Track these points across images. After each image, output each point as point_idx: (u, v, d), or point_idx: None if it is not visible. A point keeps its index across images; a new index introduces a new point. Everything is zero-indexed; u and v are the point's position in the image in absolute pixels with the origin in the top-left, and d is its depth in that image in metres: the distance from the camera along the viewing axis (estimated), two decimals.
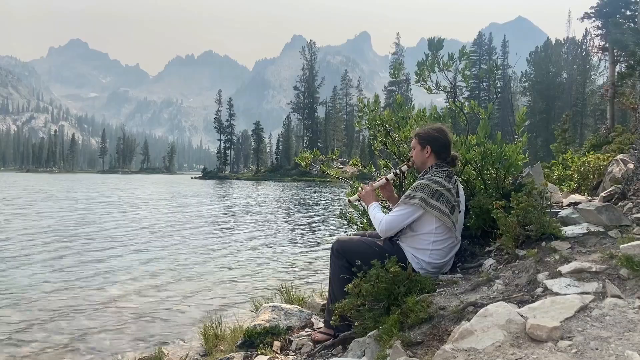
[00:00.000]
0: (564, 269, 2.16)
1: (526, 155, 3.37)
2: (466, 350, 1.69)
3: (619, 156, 4.34)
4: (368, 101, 3.98)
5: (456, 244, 2.92)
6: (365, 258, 2.63)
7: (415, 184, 2.87)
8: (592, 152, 8.90)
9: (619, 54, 27.09)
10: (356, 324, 2.55)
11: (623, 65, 25.36)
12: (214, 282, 7.55)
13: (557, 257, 2.33)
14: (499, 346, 1.66)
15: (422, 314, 2.17)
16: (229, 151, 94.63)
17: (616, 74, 24.82)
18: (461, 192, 2.97)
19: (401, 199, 2.86)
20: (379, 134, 3.85)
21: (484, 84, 62.36)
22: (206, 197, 31.63)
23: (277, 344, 3.29)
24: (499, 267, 2.64)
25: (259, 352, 3.19)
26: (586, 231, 2.55)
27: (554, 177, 6.12)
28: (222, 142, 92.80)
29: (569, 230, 2.59)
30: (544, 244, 2.53)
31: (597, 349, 1.57)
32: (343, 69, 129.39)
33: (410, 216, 2.79)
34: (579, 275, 2.10)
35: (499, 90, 53.24)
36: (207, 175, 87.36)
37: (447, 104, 3.71)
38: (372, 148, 3.98)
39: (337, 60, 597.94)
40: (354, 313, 2.47)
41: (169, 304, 6.26)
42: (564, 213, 2.85)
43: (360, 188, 3.24)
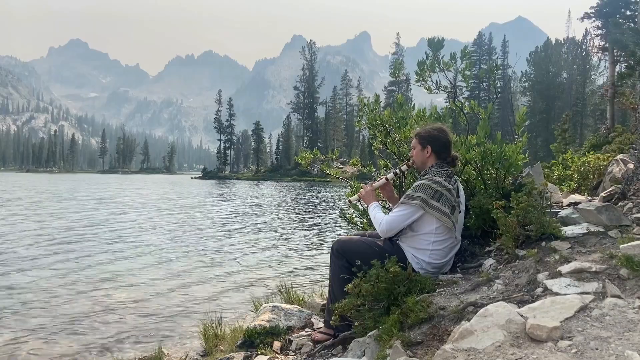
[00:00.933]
0: (564, 269, 2.16)
1: (526, 155, 3.36)
2: (466, 350, 1.69)
3: (619, 156, 4.34)
4: (368, 101, 3.97)
5: (456, 244, 2.92)
6: (365, 258, 2.63)
7: (415, 184, 2.86)
8: (592, 152, 8.91)
9: (619, 54, 27.08)
10: (356, 324, 2.55)
11: (623, 65, 25.36)
12: (214, 282, 7.56)
13: (557, 257, 2.33)
14: (499, 346, 1.66)
15: (422, 314, 2.17)
16: (229, 151, 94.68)
17: (616, 74, 24.82)
18: (461, 192, 2.97)
19: (401, 200, 2.86)
20: (379, 134, 3.85)
21: (484, 84, 62.26)
22: (207, 197, 31.65)
23: (277, 344, 3.29)
24: (499, 267, 2.64)
25: (259, 352, 3.19)
26: (586, 231, 2.55)
27: (554, 177, 6.12)
28: (222, 142, 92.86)
29: (569, 230, 2.59)
30: (544, 244, 2.52)
31: (597, 349, 1.57)
32: (343, 69, 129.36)
33: (410, 217, 2.79)
34: (579, 275, 2.09)
35: (499, 90, 53.20)
36: (207, 175, 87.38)
37: (447, 104, 3.71)
38: (372, 148, 3.98)
39: (337, 60, 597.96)
40: (354, 313, 2.47)
41: (169, 304, 6.27)
42: (564, 213, 2.85)
43: (361, 188, 3.24)
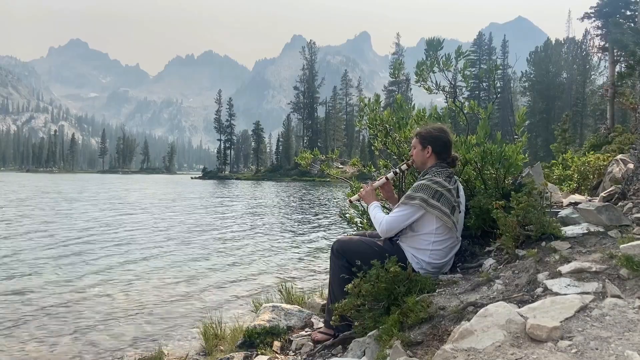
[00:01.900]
0: (564, 269, 2.16)
1: (526, 155, 3.36)
2: (466, 350, 1.69)
3: (619, 156, 4.35)
4: (369, 101, 3.98)
5: (456, 244, 2.91)
6: (365, 258, 2.63)
7: (415, 184, 2.86)
8: (592, 152, 8.91)
9: (619, 54, 27.08)
10: (356, 324, 2.55)
11: (623, 65, 25.33)
12: (214, 282, 7.55)
13: (557, 257, 2.33)
14: (499, 346, 1.66)
15: (422, 314, 2.17)
16: (228, 151, 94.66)
17: (616, 74, 24.79)
18: (461, 193, 2.97)
19: (401, 200, 2.86)
20: (379, 134, 3.85)
21: (484, 84, 62.26)
22: (211, 197, 31.63)
23: (277, 344, 3.29)
24: (499, 267, 2.64)
25: (259, 352, 3.19)
26: (586, 231, 2.55)
27: (554, 177, 6.13)
28: (222, 142, 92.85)
29: (569, 230, 2.59)
30: (544, 244, 2.52)
31: (597, 349, 1.57)
32: (343, 69, 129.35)
33: (410, 217, 2.79)
34: (579, 275, 2.09)
35: (499, 90, 53.21)
36: (207, 175, 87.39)
37: (447, 104, 3.70)
38: (372, 148, 3.98)
39: (337, 60, 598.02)
40: (354, 313, 2.47)
41: (169, 303, 6.26)
42: (564, 213, 2.85)
43: (361, 188, 3.24)
